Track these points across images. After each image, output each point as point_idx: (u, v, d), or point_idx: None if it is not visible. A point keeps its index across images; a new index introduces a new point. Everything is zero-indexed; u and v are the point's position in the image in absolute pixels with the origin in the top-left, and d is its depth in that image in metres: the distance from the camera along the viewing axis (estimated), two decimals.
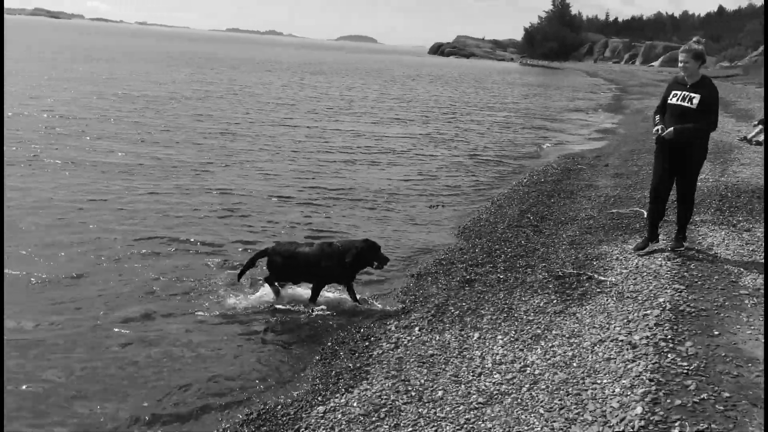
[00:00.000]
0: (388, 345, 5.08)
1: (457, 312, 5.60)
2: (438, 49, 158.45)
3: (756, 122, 16.27)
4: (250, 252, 7.35)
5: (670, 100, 6.43)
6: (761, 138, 14.85)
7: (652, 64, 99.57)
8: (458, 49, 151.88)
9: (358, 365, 4.81)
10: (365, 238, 6.23)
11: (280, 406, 4.42)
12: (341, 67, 58.94)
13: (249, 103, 23.21)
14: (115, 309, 5.94)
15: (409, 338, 5.16)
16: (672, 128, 6.32)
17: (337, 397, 4.38)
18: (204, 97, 23.96)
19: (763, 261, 6.45)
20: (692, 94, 6.24)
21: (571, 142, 18.78)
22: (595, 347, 4.75)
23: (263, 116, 19.76)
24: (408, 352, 4.92)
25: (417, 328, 5.32)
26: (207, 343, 5.39)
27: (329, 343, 5.33)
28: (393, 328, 5.40)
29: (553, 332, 5.10)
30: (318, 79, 39.55)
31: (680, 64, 6.34)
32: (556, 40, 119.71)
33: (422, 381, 4.44)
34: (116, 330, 5.51)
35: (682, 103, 6.29)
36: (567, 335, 5.01)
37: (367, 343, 5.18)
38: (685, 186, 6.65)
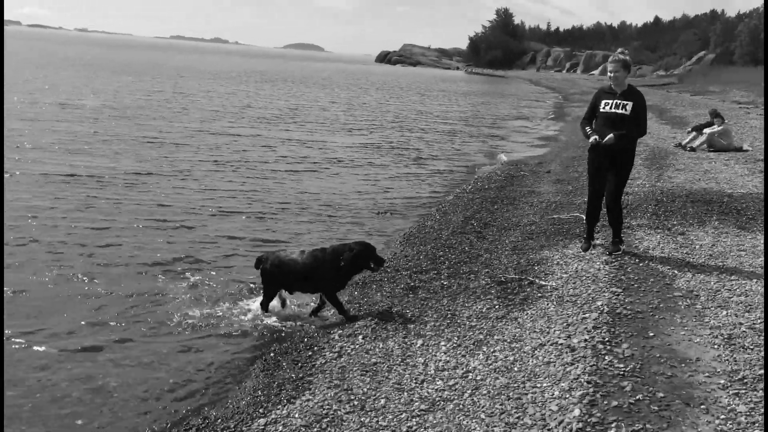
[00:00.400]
0: (331, 354, 5.03)
1: (400, 319, 5.59)
2: (385, 58, 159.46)
3: (689, 129, 16.86)
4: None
5: (603, 108, 6.72)
6: (695, 144, 15.40)
7: (593, 72, 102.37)
8: (405, 57, 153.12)
9: (300, 375, 4.75)
10: (359, 241, 6.19)
11: (220, 420, 4.33)
12: (287, 76, 58.55)
13: (192, 112, 22.77)
14: (43, 318, 5.77)
15: (352, 347, 5.13)
16: (611, 135, 6.57)
17: (278, 409, 4.31)
18: (144, 106, 23.40)
19: (694, 262, 6.67)
20: (624, 102, 6.61)
21: (515, 149, 19.08)
22: (536, 351, 4.82)
23: (206, 125, 19.42)
24: (351, 361, 4.88)
25: (360, 337, 5.30)
26: (146, 357, 5.26)
27: (272, 354, 5.25)
28: (336, 337, 5.36)
29: (495, 337, 5.14)
30: (263, 88, 39.12)
31: (610, 74, 6.67)
32: (500, 49, 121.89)
33: (365, 390, 4.41)
34: (40, 347, 5.32)
35: (617, 111, 6.61)
36: (508, 340, 5.07)
37: (310, 353, 5.13)
38: (617, 191, 6.94)
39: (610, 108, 6.65)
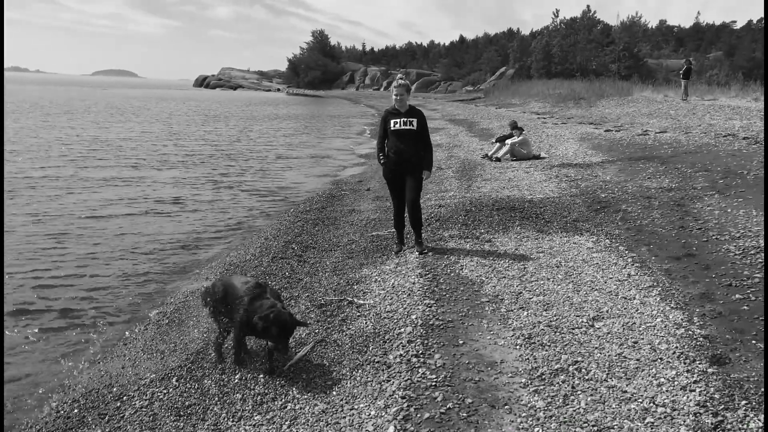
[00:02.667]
0: (141, 402, 4.74)
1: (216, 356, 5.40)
2: (203, 82, 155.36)
3: (494, 140, 18.09)
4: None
5: (393, 127, 7.64)
6: (499, 154, 16.54)
7: None
8: (224, 80, 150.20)
9: (108, 430, 4.42)
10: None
11: None
12: (95, 105, 55.04)
13: None
14: None
15: (165, 391, 4.87)
16: (426, 173, 7.79)
17: None
18: None
19: (499, 267, 7.11)
20: (410, 119, 7.61)
21: (338, 167, 19.33)
22: (354, 372, 4.86)
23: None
24: (164, 406, 4.63)
25: (174, 379, 5.04)
26: None
27: (75, 410, 4.83)
28: (148, 382, 5.06)
29: (314, 363, 5.13)
30: (61, 120, 36.17)
31: (396, 98, 7.63)
32: (319, 70, 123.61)
33: None
34: None
35: (406, 127, 7.59)
36: (327, 364, 5.07)
37: (119, 404, 4.79)
38: (414, 197, 7.81)
39: (400, 126, 7.60)
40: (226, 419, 4.38)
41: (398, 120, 7.64)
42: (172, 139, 26.32)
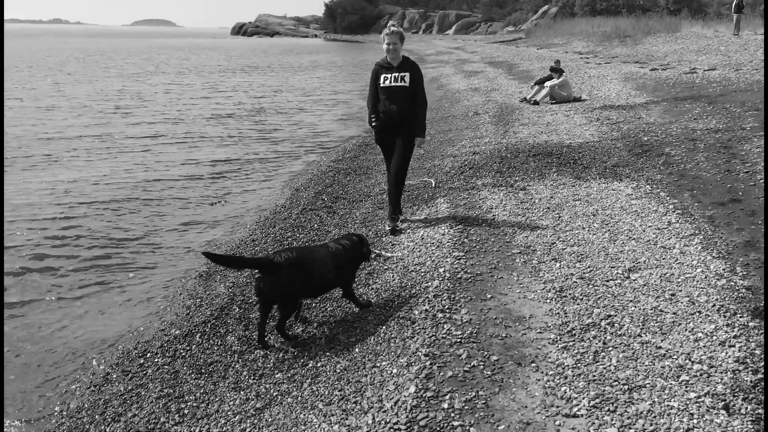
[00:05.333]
0: (164, 359, 4.73)
1: (242, 311, 5.36)
2: (240, 30, 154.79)
3: (533, 83, 17.51)
4: None
5: (383, 83, 6.70)
6: (538, 97, 16.01)
7: (447, 32, 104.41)
8: (261, 28, 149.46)
9: (130, 387, 4.42)
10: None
11: None
12: (137, 57, 55.34)
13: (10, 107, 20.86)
14: None
15: (188, 348, 4.85)
16: (418, 139, 6.92)
17: (102, 428, 3.98)
18: None
19: (533, 217, 6.88)
20: (402, 74, 6.68)
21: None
22: (378, 328, 4.75)
23: (41, 125, 17.92)
24: (186, 363, 4.62)
25: (198, 335, 5.02)
26: None
27: (101, 366, 4.86)
28: (172, 339, 5.05)
29: (339, 317, 5.04)
30: (109, 73, 36.64)
31: (389, 47, 6.64)
32: (356, 14, 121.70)
33: (198, 394, 4.18)
34: None
35: (397, 84, 6.68)
36: (350, 320, 4.97)
37: (142, 361, 4.79)
38: (401, 165, 7.02)
39: (390, 82, 6.67)
40: (247, 377, 4.33)
41: (389, 75, 6.68)
42: (211, 94, 26.29)
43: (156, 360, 4.74)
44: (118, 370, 4.70)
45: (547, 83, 16.13)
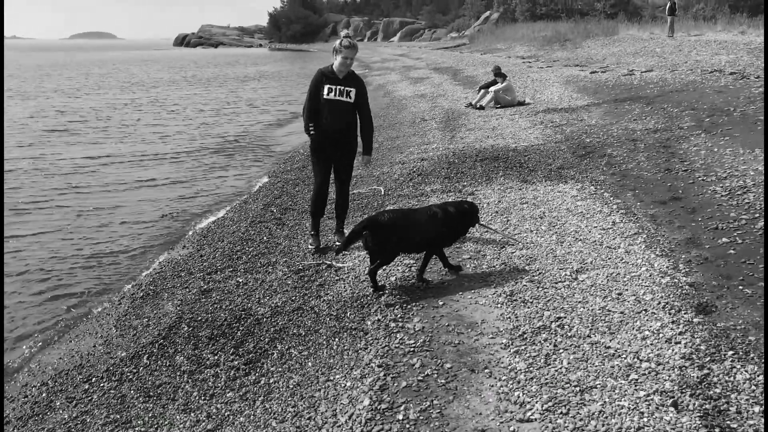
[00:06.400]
0: (110, 384, 4.56)
1: (191, 329, 5.23)
2: (183, 41, 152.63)
3: (478, 88, 17.71)
4: None
5: (327, 95, 6.32)
6: (483, 102, 16.20)
7: (392, 39, 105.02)
8: (205, 39, 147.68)
9: (75, 415, 4.25)
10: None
11: None
12: (76, 71, 53.90)
13: None
14: None
15: (135, 370, 4.70)
16: (366, 158, 6.85)
17: None
18: None
19: (482, 221, 6.92)
20: (348, 88, 6.36)
21: None
22: (330, 341, 4.70)
23: None
24: (133, 387, 4.47)
25: (145, 357, 4.87)
26: None
27: (44, 394, 4.66)
28: (118, 362, 4.88)
29: (291, 332, 4.96)
30: (45, 89, 35.56)
31: (346, 60, 6.28)
32: (300, 23, 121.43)
33: (146, 419, 4.05)
34: None
35: (342, 98, 6.35)
36: (303, 333, 4.91)
37: (87, 386, 4.60)
38: (347, 181, 6.87)
39: (335, 95, 6.31)
40: (197, 398, 4.22)
41: (334, 87, 6.30)
42: (156, 109, 25.78)
43: (102, 384, 4.57)
44: (61, 397, 4.52)
45: (492, 88, 16.33)
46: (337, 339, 4.70)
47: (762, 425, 3.22)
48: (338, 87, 6.33)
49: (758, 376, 3.61)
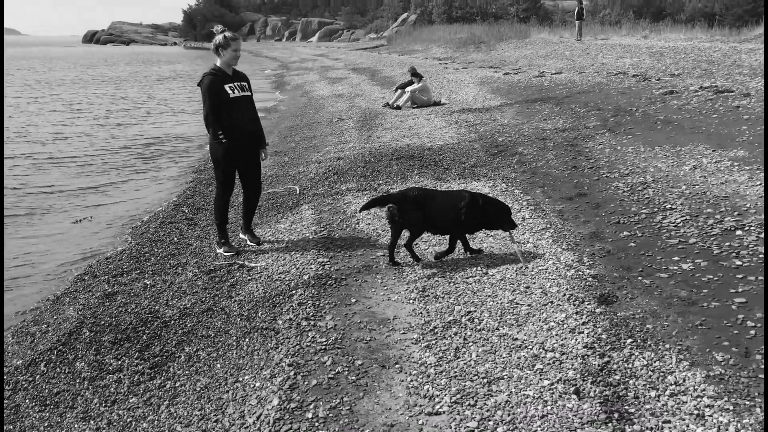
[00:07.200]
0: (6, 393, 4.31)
1: (93, 334, 5.00)
2: (93, 38, 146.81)
3: (395, 88, 17.84)
4: None
5: (232, 94, 6.11)
6: (400, 102, 16.32)
7: (311, 39, 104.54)
8: (116, 36, 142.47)
9: None
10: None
11: None
12: None
13: None
14: None
15: (31, 379, 4.45)
16: (264, 151, 6.57)
17: None
18: None
19: None
20: (242, 83, 6.29)
21: None
22: (241, 341, 4.60)
23: None
24: (29, 396, 4.23)
25: (43, 364, 4.62)
26: None
27: None
28: (12, 370, 4.61)
29: (200, 333, 4.83)
30: None
31: (237, 53, 6.19)
32: (216, 21, 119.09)
33: (41, 429, 3.84)
34: None
35: (244, 93, 6.25)
36: (213, 335, 4.79)
37: None
38: (259, 178, 6.72)
39: (238, 92, 6.15)
40: (98, 405, 4.04)
41: (233, 85, 6.12)
42: (63, 108, 24.66)
43: None
44: None
45: (408, 88, 16.48)
46: (247, 339, 4.61)
47: (659, 407, 3.36)
48: (236, 84, 6.18)
49: (655, 362, 3.77)
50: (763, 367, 3.61)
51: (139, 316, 5.24)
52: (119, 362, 4.53)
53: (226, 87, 6.10)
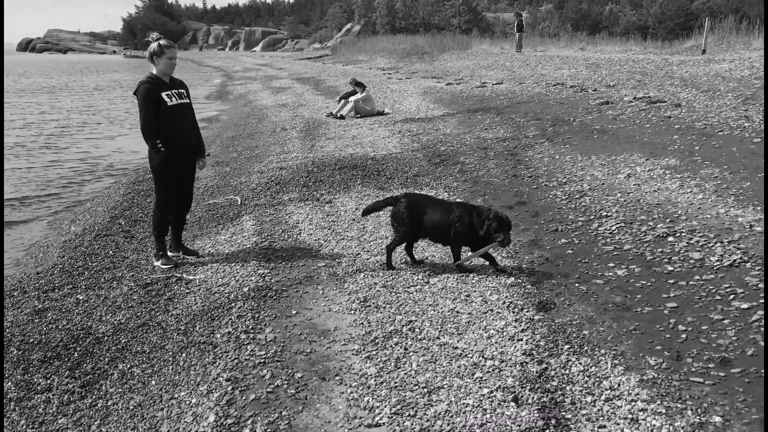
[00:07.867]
0: None
1: (20, 353, 4.78)
2: (28, 46, 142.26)
3: (339, 98, 17.83)
4: None
5: (170, 102, 5.97)
6: (344, 112, 16.31)
7: (254, 49, 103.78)
8: (52, 44, 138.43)
9: None
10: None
11: None
12: None
13: None
14: None
15: None
16: (202, 160, 6.52)
17: None
18: None
19: (338, 229, 6.92)
20: (180, 90, 6.20)
21: None
22: (177, 356, 4.48)
23: None
24: None
25: None
26: None
27: None
28: None
29: (134, 350, 4.68)
30: None
31: (173, 61, 6.09)
32: (158, 30, 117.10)
33: None
34: None
35: (182, 101, 6.14)
36: (148, 350, 4.65)
37: None
38: (191, 188, 6.62)
39: (177, 100, 6.03)
40: (25, 426, 3.86)
41: (171, 93, 6.00)
42: None
43: None
44: None
45: (352, 98, 16.49)
46: (184, 354, 4.49)
47: (594, 412, 3.41)
48: (173, 91, 6.06)
49: (591, 367, 3.83)
50: (694, 370, 3.71)
51: (71, 332, 5.04)
52: (48, 381, 4.34)
53: (163, 95, 5.95)
